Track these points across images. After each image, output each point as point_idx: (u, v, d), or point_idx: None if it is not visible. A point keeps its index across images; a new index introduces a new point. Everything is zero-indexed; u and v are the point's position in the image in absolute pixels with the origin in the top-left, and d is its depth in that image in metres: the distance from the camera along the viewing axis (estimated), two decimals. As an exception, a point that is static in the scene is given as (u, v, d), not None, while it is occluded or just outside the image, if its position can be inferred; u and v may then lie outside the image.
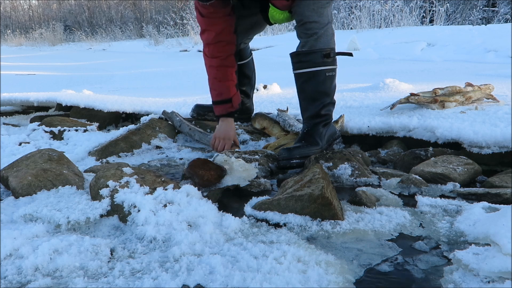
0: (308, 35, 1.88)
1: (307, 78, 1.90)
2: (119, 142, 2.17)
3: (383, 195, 1.52)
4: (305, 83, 1.92)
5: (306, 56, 1.89)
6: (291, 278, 0.99)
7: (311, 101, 1.92)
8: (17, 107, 3.49)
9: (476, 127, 1.88)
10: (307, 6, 1.87)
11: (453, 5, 12.20)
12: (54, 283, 1.00)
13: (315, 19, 1.87)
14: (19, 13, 26.43)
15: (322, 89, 1.90)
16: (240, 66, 2.37)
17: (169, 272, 1.03)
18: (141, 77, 6.21)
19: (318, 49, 1.87)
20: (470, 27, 8.64)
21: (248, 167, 1.68)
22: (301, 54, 1.90)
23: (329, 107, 1.95)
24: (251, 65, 2.50)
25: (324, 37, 1.88)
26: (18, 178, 1.49)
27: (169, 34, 16.26)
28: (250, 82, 2.54)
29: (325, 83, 1.90)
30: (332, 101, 1.96)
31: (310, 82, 1.90)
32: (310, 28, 1.87)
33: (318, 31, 1.87)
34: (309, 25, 1.87)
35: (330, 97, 1.94)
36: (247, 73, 2.49)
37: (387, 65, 6.11)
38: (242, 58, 2.42)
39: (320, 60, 1.87)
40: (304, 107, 1.96)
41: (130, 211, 1.30)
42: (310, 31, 1.87)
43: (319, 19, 1.87)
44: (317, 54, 1.87)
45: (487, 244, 1.12)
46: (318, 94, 1.91)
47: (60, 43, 20.37)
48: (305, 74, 1.90)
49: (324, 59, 1.87)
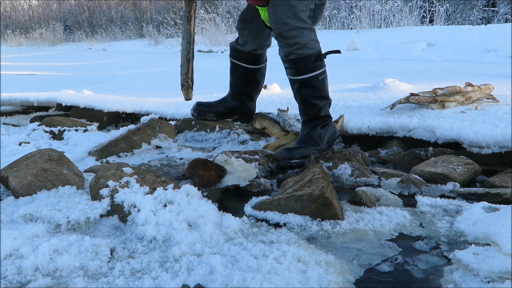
0: (289, 45, 1.82)
1: (302, 84, 1.90)
2: (119, 142, 2.16)
3: (383, 195, 1.52)
4: (301, 89, 1.92)
5: (297, 64, 1.85)
6: (291, 278, 0.99)
7: (309, 105, 1.92)
8: (17, 107, 3.49)
9: (476, 127, 1.88)
10: (281, 13, 1.78)
11: (453, 5, 12.20)
12: (54, 283, 1.00)
13: (293, 25, 1.78)
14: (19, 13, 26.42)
15: (318, 92, 1.91)
16: (253, 70, 2.34)
17: (169, 272, 1.03)
18: (141, 77, 6.21)
19: (307, 55, 1.83)
20: (470, 27, 8.64)
21: (248, 167, 1.68)
22: (292, 61, 1.86)
23: (326, 108, 1.95)
24: (263, 71, 2.47)
25: (309, 42, 1.83)
26: (18, 178, 1.49)
27: (169, 34, 16.25)
28: (258, 87, 2.50)
29: (320, 87, 1.90)
30: (329, 101, 1.96)
31: (305, 88, 1.91)
32: (289, 37, 1.80)
33: (298, 39, 1.80)
34: (288, 33, 1.79)
35: (326, 98, 1.94)
36: (258, 78, 2.45)
37: (387, 65, 6.11)
38: (257, 63, 2.38)
39: (311, 65, 1.85)
40: (303, 111, 1.96)
41: (130, 211, 1.30)
42: (289, 41, 1.80)
43: (296, 24, 1.79)
44: (307, 61, 1.84)
45: (487, 244, 1.12)
46: (315, 98, 1.91)
47: (60, 43, 20.36)
48: (299, 81, 1.90)
49: (314, 63, 1.85)
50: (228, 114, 2.56)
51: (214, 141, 2.41)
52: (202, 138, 2.45)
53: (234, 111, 2.56)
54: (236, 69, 2.39)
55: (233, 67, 2.36)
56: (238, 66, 2.37)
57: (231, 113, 2.57)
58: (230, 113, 2.56)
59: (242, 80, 2.40)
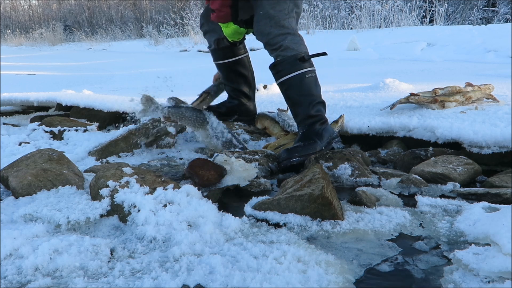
0: (275, 49, 1.93)
1: (289, 85, 1.93)
2: (119, 142, 2.16)
3: (383, 195, 1.52)
4: (288, 90, 1.95)
5: (282, 65, 1.93)
6: (291, 278, 0.99)
7: (298, 105, 1.94)
8: (17, 107, 3.49)
9: (476, 127, 1.88)
10: (264, 24, 1.91)
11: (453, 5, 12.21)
12: (54, 283, 1.00)
13: (276, 33, 1.90)
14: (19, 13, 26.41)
15: (306, 91, 1.92)
16: (232, 64, 2.39)
17: (169, 272, 1.03)
18: (141, 77, 6.20)
19: (290, 55, 1.90)
20: (470, 27, 8.64)
21: (248, 167, 1.68)
22: (277, 64, 1.94)
23: (318, 107, 1.95)
24: (244, 64, 2.48)
25: (292, 44, 1.92)
26: (18, 178, 1.49)
27: (169, 34, 16.25)
28: (246, 81, 2.51)
29: (307, 85, 1.92)
30: (321, 100, 1.97)
31: (292, 88, 1.93)
32: (274, 43, 1.92)
33: (282, 43, 1.91)
34: (272, 40, 1.91)
35: (316, 96, 1.95)
36: (241, 71, 2.47)
37: (387, 65, 6.11)
38: (234, 55, 2.41)
39: (297, 64, 1.90)
40: (295, 113, 1.99)
41: (130, 211, 1.30)
42: (275, 46, 1.92)
43: (280, 32, 1.90)
44: (292, 60, 1.90)
45: (487, 244, 1.12)
46: (303, 97, 1.93)
47: (60, 43, 20.35)
48: (286, 82, 1.93)
49: (299, 63, 1.91)
50: (228, 114, 2.58)
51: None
52: (202, 138, 2.44)
53: (233, 110, 2.58)
54: (220, 69, 2.49)
55: (218, 68, 2.47)
56: (220, 66, 2.47)
57: (231, 112, 2.59)
58: (230, 112, 2.58)
59: (228, 77, 2.48)
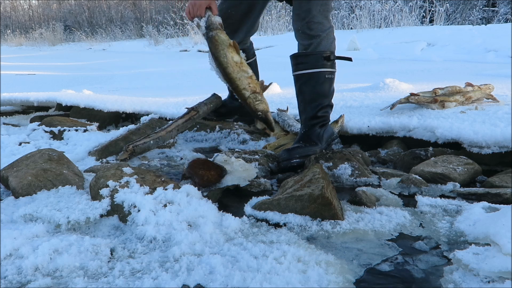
0: (311, 36, 1.86)
1: (306, 80, 1.90)
2: (119, 142, 2.16)
3: (383, 195, 1.52)
4: (304, 85, 1.92)
5: (306, 58, 1.89)
6: (291, 278, 0.99)
7: (309, 102, 1.92)
8: (17, 107, 3.48)
9: (476, 127, 1.88)
10: (315, 5, 1.83)
11: (453, 5, 12.20)
12: (54, 283, 1.00)
13: (320, 20, 1.84)
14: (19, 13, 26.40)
15: (321, 90, 1.91)
16: None
17: (169, 272, 1.03)
18: (141, 77, 6.20)
19: (318, 51, 1.86)
20: (470, 27, 8.64)
21: (248, 167, 1.68)
22: (302, 56, 1.90)
23: (326, 109, 1.95)
24: (253, 66, 2.48)
25: (326, 40, 1.87)
26: (18, 178, 1.49)
27: (169, 34, 16.25)
28: None
29: (323, 85, 1.90)
30: (330, 103, 1.96)
31: (308, 84, 1.90)
32: (314, 28, 1.84)
33: (321, 33, 1.85)
34: (314, 25, 1.84)
35: (328, 99, 1.94)
36: None
37: (387, 65, 6.11)
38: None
39: (320, 62, 1.87)
40: (302, 109, 1.97)
41: (130, 211, 1.30)
42: (313, 31, 1.85)
43: (323, 21, 1.86)
44: (317, 56, 1.87)
45: (487, 244, 1.12)
46: (317, 95, 1.91)
47: (60, 43, 20.36)
48: (305, 76, 1.90)
49: (324, 61, 1.87)
50: (228, 114, 2.58)
51: (214, 141, 2.41)
52: (202, 138, 2.45)
53: (234, 111, 2.58)
54: None
55: None
56: None
57: (231, 113, 2.59)
58: (230, 113, 2.58)
59: None
